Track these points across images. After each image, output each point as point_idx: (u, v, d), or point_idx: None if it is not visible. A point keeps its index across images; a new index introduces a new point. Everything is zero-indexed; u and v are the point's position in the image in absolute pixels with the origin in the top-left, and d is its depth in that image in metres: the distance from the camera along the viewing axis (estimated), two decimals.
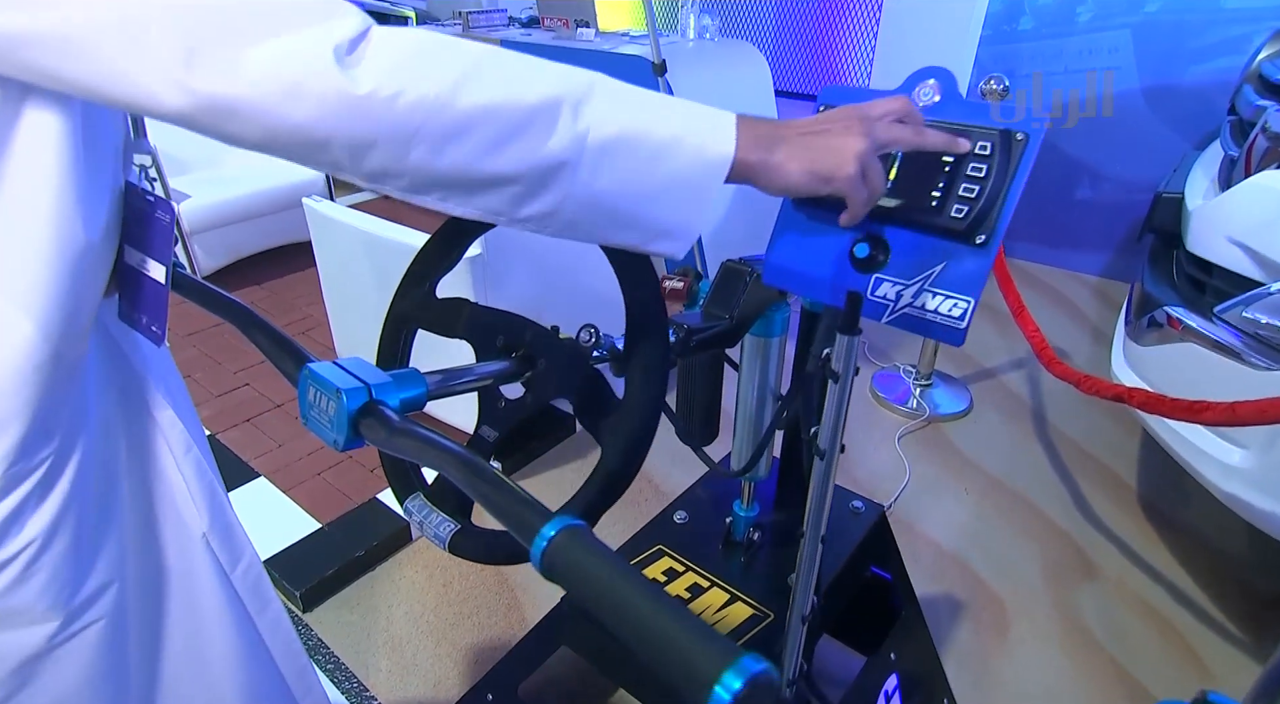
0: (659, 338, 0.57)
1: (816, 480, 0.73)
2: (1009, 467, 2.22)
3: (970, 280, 0.56)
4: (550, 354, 0.63)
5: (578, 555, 0.34)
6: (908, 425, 2.39)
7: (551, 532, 0.35)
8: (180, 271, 0.70)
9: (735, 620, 1.05)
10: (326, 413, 0.47)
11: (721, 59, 3.18)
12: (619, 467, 0.56)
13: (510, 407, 0.65)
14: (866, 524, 1.23)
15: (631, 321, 0.59)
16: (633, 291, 0.58)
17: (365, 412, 0.46)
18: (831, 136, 0.52)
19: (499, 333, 0.66)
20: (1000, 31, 3.51)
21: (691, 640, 0.30)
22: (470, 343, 0.68)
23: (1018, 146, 0.54)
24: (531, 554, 0.35)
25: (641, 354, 0.57)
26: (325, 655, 1.55)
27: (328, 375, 0.47)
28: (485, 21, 3.50)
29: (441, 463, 0.42)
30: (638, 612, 0.31)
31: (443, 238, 0.71)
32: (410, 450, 0.43)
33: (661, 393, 0.57)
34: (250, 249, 3.04)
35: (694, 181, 0.52)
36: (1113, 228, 3.51)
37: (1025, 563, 1.86)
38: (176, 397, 0.75)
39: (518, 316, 0.66)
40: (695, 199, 0.52)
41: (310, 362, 0.50)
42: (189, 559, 0.75)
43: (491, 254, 1.74)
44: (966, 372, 2.73)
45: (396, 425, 0.45)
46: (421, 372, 0.56)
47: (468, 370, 0.62)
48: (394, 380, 0.49)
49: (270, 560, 1.69)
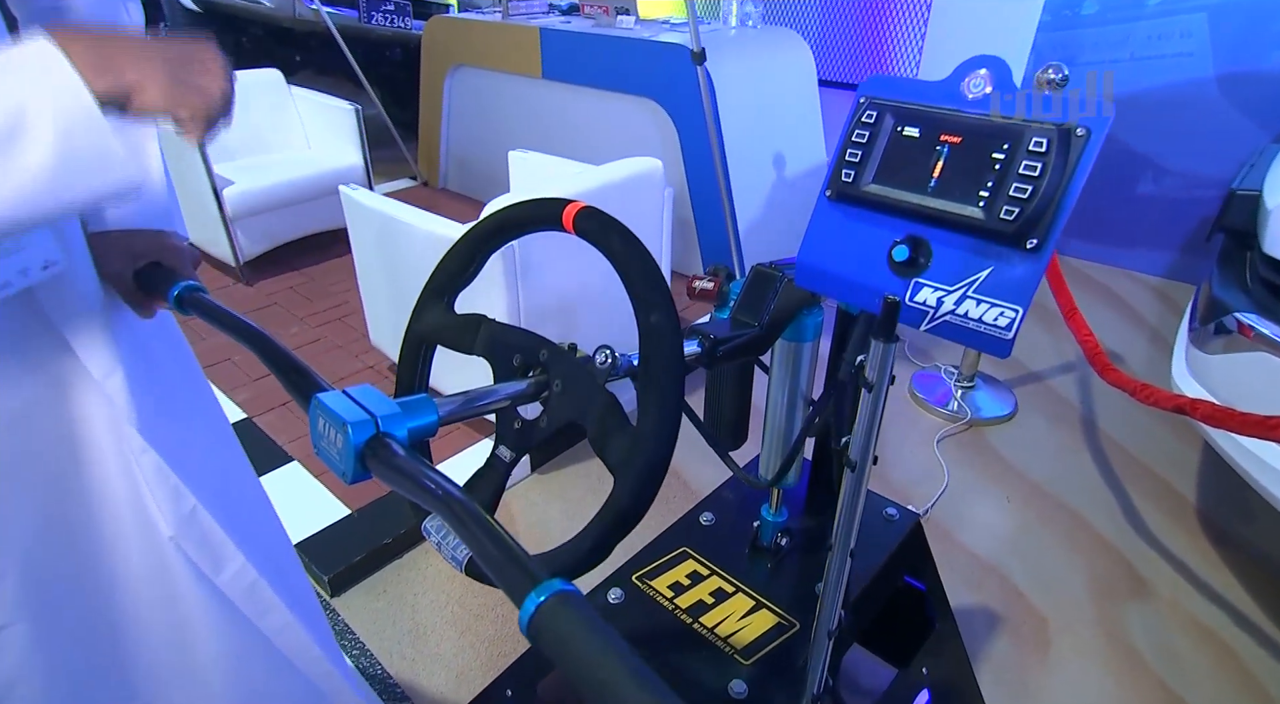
0: (672, 365, 0.54)
1: (847, 492, 0.69)
2: (1054, 474, 2.13)
3: (1019, 288, 0.51)
4: (566, 375, 0.61)
5: (565, 627, 0.32)
6: (947, 428, 2.31)
7: (541, 598, 0.33)
8: (203, 296, 0.69)
9: (759, 630, 1.02)
10: (335, 445, 0.46)
11: (763, 47, 3.11)
12: (629, 504, 0.54)
13: (526, 427, 0.63)
14: (900, 533, 1.18)
15: (643, 346, 0.55)
16: (645, 314, 0.55)
17: (372, 445, 0.45)
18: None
19: (516, 351, 0.64)
20: (1061, 17, 3.35)
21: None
22: (488, 361, 0.66)
23: (1078, 143, 0.49)
24: (520, 618, 0.33)
25: (655, 386, 0.54)
26: (351, 641, 1.57)
27: (336, 407, 0.46)
28: (525, 8, 3.48)
29: (439, 507, 0.40)
30: (619, 689, 0.30)
31: (460, 252, 0.69)
32: (411, 490, 0.42)
33: (675, 425, 0.54)
34: (290, 235, 3.09)
35: (72, 155, 0.46)
36: (1177, 226, 3.33)
37: (1069, 577, 1.78)
38: (145, 396, 0.71)
39: (534, 335, 0.64)
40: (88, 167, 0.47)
41: (321, 391, 0.50)
42: (159, 562, 0.73)
43: (524, 256, 1.73)
44: (1012, 374, 2.63)
45: (400, 463, 0.44)
46: (443, 393, 0.56)
47: (485, 393, 0.61)
48: (403, 410, 0.48)
49: (300, 544, 1.71)
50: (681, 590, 1.09)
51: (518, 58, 3.35)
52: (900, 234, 0.56)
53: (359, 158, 3.20)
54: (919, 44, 3.78)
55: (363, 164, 3.21)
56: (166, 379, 0.78)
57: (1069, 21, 3.35)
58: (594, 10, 3.26)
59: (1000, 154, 0.51)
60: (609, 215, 0.58)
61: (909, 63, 3.87)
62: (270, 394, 2.31)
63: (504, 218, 0.66)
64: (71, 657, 0.70)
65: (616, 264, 0.56)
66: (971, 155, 0.53)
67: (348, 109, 3.15)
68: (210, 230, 2.86)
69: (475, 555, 0.38)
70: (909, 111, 0.56)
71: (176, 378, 0.81)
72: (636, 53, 2.91)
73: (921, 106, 0.56)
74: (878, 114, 0.57)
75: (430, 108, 3.94)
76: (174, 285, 0.69)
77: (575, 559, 0.57)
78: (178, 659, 0.77)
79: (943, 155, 0.54)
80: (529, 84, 3.40)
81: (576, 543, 0.57)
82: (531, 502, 1.98)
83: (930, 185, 0.55)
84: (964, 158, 0.53)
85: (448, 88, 3.82)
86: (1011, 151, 0.51)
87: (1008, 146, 0.51)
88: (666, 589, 1.09)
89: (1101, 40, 3.27)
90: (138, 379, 0.70)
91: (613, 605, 1.06)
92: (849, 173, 0.58)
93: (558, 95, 3.32)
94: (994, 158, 0.52)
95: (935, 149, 0.54)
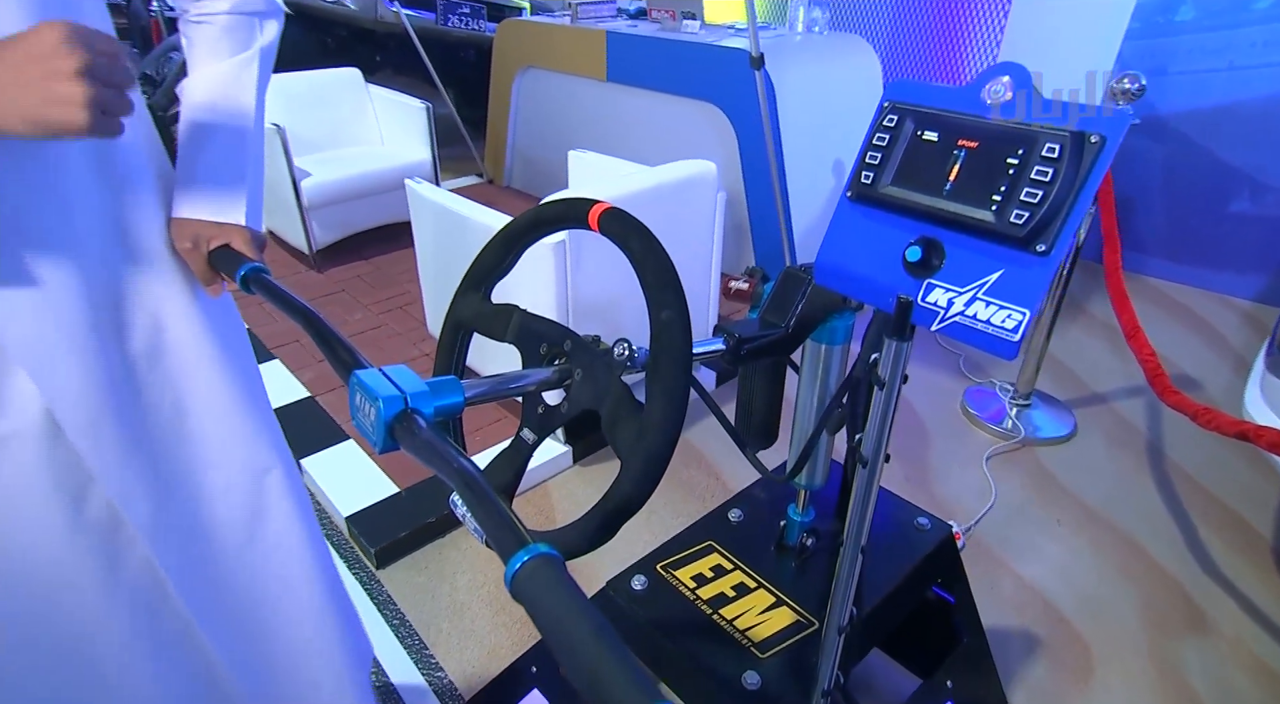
0: (680, 360, 0.57)
1: (859, 489, 0.70)
2: (1112, 500, 2.04)
3: (1027, 291, 0.52)
4: (586, 364, 0.65)
5: (541, 585, 0.36)
6: (998, 446, 2.25)
7: (524, 557, 0.37)
8: (266, 277, 0.75)
9: (777, 625, 1.03)
10: (369, 417, 0.51)
11: (828, 53, 3.09)
12: (631, 490, 0.57)
13: (549, 412, 0.67)
14: (930, 543, 1.17)
15: (654, 342, 0.59)
16: (656, 312, 0.58)
17: (400, 419, 0.50)
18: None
19: (543, 340, 0.68)
20: (1151, 25, 3.18)
21: (619, 678, 0.31)
22: (517, 348, 0.70)
23: (1091, 149, 0.49)
24: (505, 574, 0.37)
25: (661, 380, 0.57)
26: (392, 611, 1.65)
27: (371, 384, 0.51)
28: (593, 13, 3.55)
29: (451, 476, 0.45)
30: (581, 645, 0.33)
31: (497, 246, 0.74)
32: (430, 461, 0.47)
33: (678, 418, 0.57)
34: (360, 225, 3.24)
35: None
36: (1275, 247, 3.13)
37: (1120, 605, 1.71)
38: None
39: (560, 326, 0.68)
40: None
41: (359, 368, 0.54)
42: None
43: (575, 253, 1.78)
44: (1074, 394, 2.53)
45: (423, 436, 0.48)
46: (481, 375, 0.60)
47: (511, 378, 0.65)
48: (430, 389, 0.52)
49: (350, 517, 1.81)
50: (704, 582, 1.11)
51: (584, 60, 3.42)
52: (915, 235, 0.58)
53: (428, 154, 3.33)
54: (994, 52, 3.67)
55: (431, 160, 3.34)
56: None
57: (1160, 29, 3.19)
58: (660, 14, 3.30)
59: (1014, 159, 0.52)
60: (632, 217, 0.61)
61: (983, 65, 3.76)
62: (332, 375, 2.44)
63: (536, 216, 0.70)
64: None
65: (634, 263, 0.59)
66: (987, 160, 0.54)
67: (419, 107, 3.29)
68: (288, 218, 3.04)
69: (475, 518, 0.42)
70: (929, 116, 0.57)
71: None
72: (698, 57, 2.94)
73: (941, 111, 0.57)
74: (899, 118, 0.59)
75: (498, 107, 4.06)
76: (241, 267, 0.76)
77: (580, 539, 0.60)
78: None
79: (959, 159, 0.55)
80: (594, 86, 3.46)
81: (583, 523, 0.60)
82: (570, 491, 2.03)
83: (946, 188, 0.56)
84: (979, 162, 0.54)
85: (516, 88, 3.93)
86: (1025, 157, 0.52)
87: (1022, 152, 0.52)
88: (689, 580, 1.11)
89: (1197, 48, 3.10)
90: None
91: (636, 592, 1.09)
92: (868, 175, 0.60)
93: (621, 97, 3.38)
94: (1008, 162, 0.53)
95: (952, 153, 0.56)
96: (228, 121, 0.80)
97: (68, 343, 0.71)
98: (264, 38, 0.82)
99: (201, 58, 0.80)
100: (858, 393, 0.78)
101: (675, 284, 0.58)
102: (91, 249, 0.72)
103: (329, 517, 1.90)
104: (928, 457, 2.21)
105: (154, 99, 3.38)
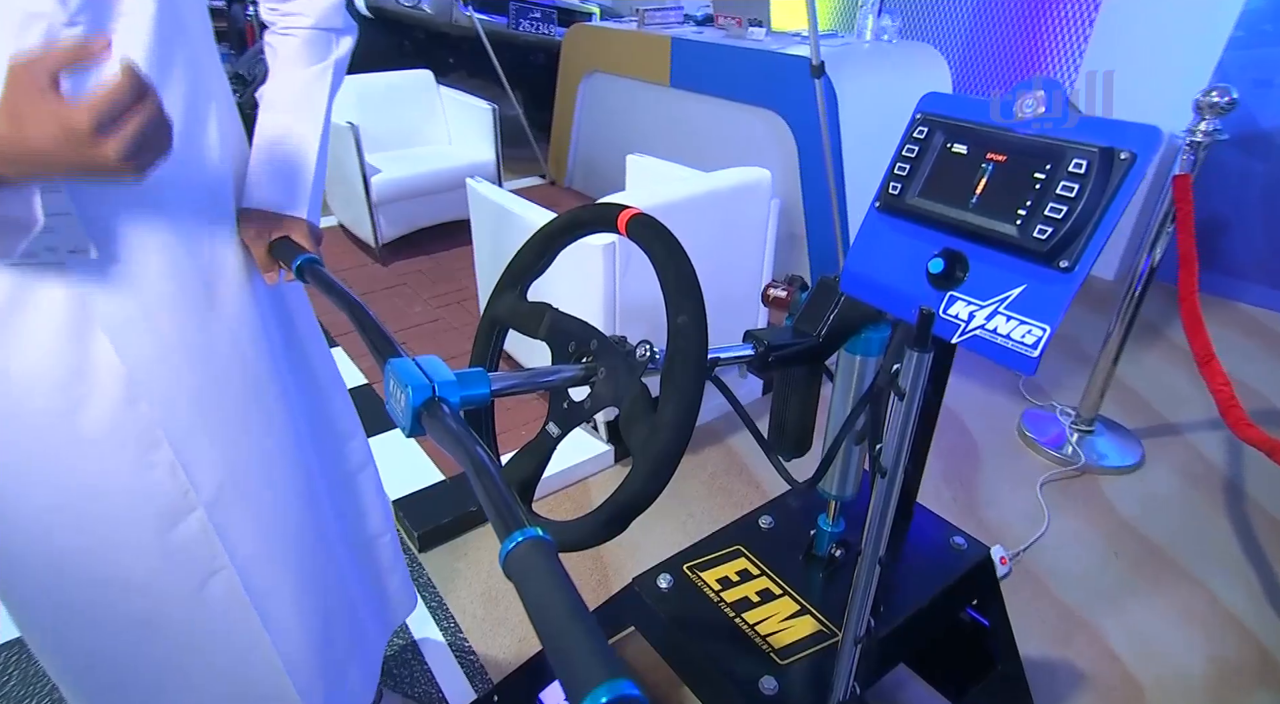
0: (693, 364, 0.58)
1: (878, 499, 0.70)
2: (1180, 537, 1.93)
3: (1049, 307, 0.51)
4: (610, 364, 0.67)
5: (529, 565, 0.38)
6: (1055, 472, 2.16)
7: (518, 538, 0.39)
8: (319, 268, 0.81)
9: (799, 634, 1.03)
10: (400, 403, 0.54)
11: (895, 62, 3.04)
12: (640, 487, 0.59)
13: (573, 407, 0.70)
14: (966, 563, 1.14)
15: (669, 345, 0.60)
16: (674, 315, 0.60)
17: (428, 406, 0.53)
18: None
19: (571, 339, 0.71)
20: (1258, 34, 2.94)
21: (586, 653, 0.33)
22: (548, 345, 0.73)
23: (1120, 166, 0.49)
24: (500, 551, 0.40)
25: (674, 382, 0.59)
26: (431, 593, 1.71)
27: (403, 372, 0.55)
28: (660, 19, 3.59)
29: (464, 460, 0.48)
30: (557, 623, 0.35)
31: (533, 247, 0.77)
32: (449, 445, 0.50)
33: (690, 419, 0.59)
34: (424, 222, 3.36)
35: None
36: None
37: (1181, 651, 1.62)
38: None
39: (589, 326, 0.71)
40: None
41: (395, 357, 0.58)
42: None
43: (624, 257, 1.81)
44: (1144, 423, 2.41)
45: (446, 423, 0.52)
46: (505, 370, 0.63)
47: (540, 373, 0.68)
48: (458, 380, 0.56)
49: (397, 501, 1.88)
50: (729, 585, 1.11)
51: (648, 65, 3.46)
52: (940, 248, 0.58)
53: (492, 154, 3.43)
54: (1076, 63, 3.53)
55: (494, 160, 3.44)
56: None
57: (1268, 38, 2.97)
58: (726, 21, 3.31)
59: (1041, 173, 0.52)
60: (659, 223, 0.63)
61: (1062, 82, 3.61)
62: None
63: (570, 219, 0.73)
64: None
65: (657, 267, 0.61)
66: (1014, 174, 0.53)
67: (485, 108, 3.39)
68: (357, 213, 3.17)
69: (481, 500, 0.44)
70: (959, 128, 0.57)
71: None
72: (759, 64, 2.94)
73: (972, 124, 0.57)
74: (929, 130, 0.59)
75: (564, 110, 4.14)
76: (298, 257, 0.81)
77: (589, 532, 0.62)
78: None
79: (987, 172, 0.55)
80: (657, 91, 3.50)
81: (593, 517, 0.62)
82: (609, 490, 2.04)
83: (972, 201, 0.56)
84: (1007, 176, 0.54)
85: (581, 92, 4.00)
86: (1052, 171, 0.51)
87: (1050, 166, 0.52)
88: (715, 582, 1.12)
89: None
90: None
91: (661, 590, 1.11)
92: (896, 186, 0.60)
93: (683, 103, 3.40)
94: (1035, 177, 0.52)
95: (981, 166, 0.55)
96: (299, 124, 0.88)
97: (151, 315, 0.77)
98: (338, 52, 0.90)
99: (282, 66, 0.88)
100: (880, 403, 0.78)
101: (694, 290, 0.59)
102: (181, 228, 0.79)
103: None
104: (977, 479, 2.15)
105: (243, 98, 3.59)
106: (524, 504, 0.74)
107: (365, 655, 1.18)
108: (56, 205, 0.65)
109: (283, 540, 0.98)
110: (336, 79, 0.91)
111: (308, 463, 1.00)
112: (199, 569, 0.90)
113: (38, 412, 0.75)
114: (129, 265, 0.75)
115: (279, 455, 0.94)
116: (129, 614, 0.89)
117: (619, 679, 0.31)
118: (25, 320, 0.71)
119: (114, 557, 0.85)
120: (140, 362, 0.78)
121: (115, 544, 0.85)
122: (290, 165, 0.87)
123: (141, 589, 0.88)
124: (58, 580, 0.85)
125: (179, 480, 0.85)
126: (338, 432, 1.12)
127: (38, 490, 0.79)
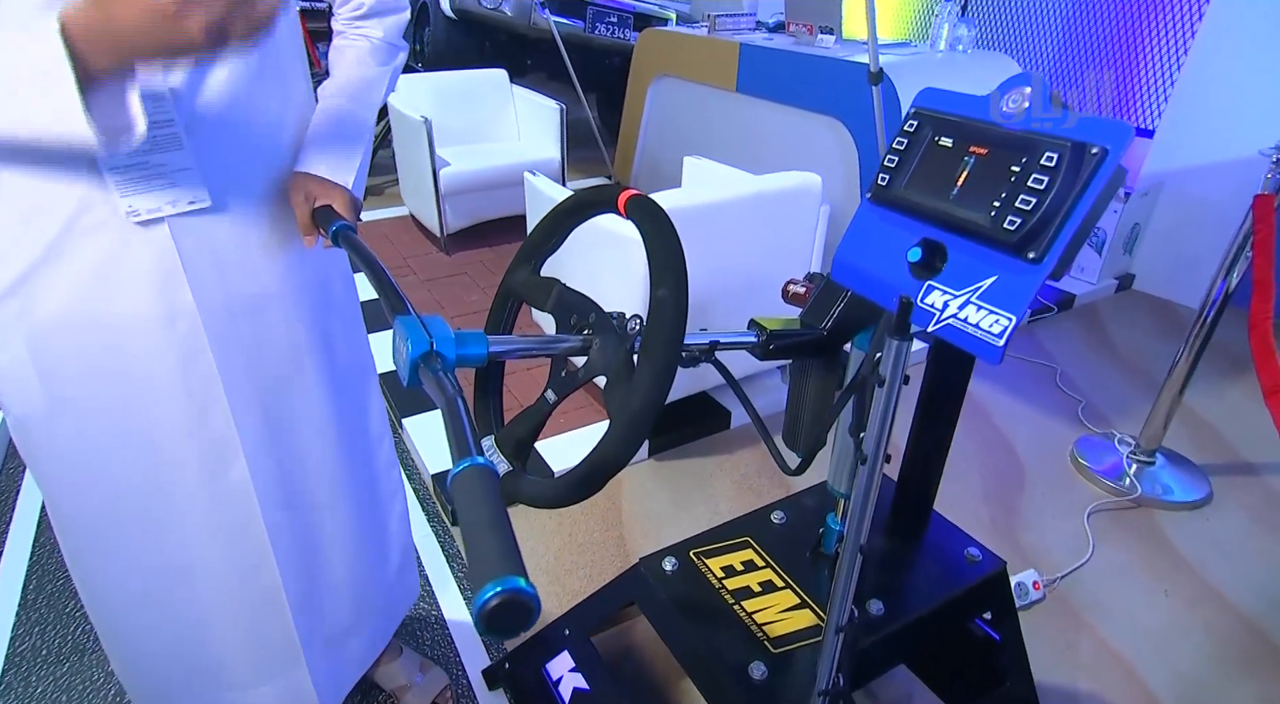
0: (668, 335, 0.61)
1: (859, 487, 0.71)
2: (1243, 580, 1.81)
3: (1016, 297, 0.52)
4: (604, 336, 0.71)
5: (469, 485, 0.42)
6: (1105, 501, 2.07)
7: (465, 464, 0.44)
8: (352, 235, 0.88)
9: (795, 625, 1.04)
10: (401, 354, 0.59)
11: (969, 72, 2.97)
12: (611, 449, 0.63)
13: (569, 375, 0.74)
14: (978, 574, 1.13)
15: (649, 317, 0.64)
16: (655, 289, 0.63)
17: (425, 359, 0.58)
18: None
19: (573, 312, 0.75)
20: None
21: (494, 556, 0.37)
22: (553, 316, 0.78)
23: (1090, 160, 0.49)
24: (449, 473, 0.44)
25: (649, 352, 0.62)
26: (459, 566, 1.78)
27: (407, 327, 0.60)
28: (731, 25, 3.61)
29: (440, 401, 0.53)
30: (479, 531, 0.39)
31: (546, 226, 0.83)
32: (434, 392, 0.55)
33: (662, 386, 0.62)
34: (488, 215, 3.49)
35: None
36: None
37: (1231, 697, 1.53)
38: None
39: (590, 300, 0.75)
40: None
41: (402, 315, 0.64)
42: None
43: None
44: (1212, 457, 2.27)
45: (437, 375, 0.57)
46: (512, 335, 0.68)
47: (540, 342, 0.73)
48: (456, 338, 0.61)
49: (436, 475, 1.97)
50: (733, 574, 1.13)
51: (716, 71, 3.49)
52: (922, 238, 0.59)
53: (557, 152, 3.53)
54: (1167, 90, 3.38)
55: (559, 158, 3.53)
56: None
57: None
58: (798, 28, 3.31)
59: (1017, 166, 0.53)
60: (654, 204, 0.67)
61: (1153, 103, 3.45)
62: None
63: (577, 200, 0.78)
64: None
65: (646, 244, 0.65)
66: (993, 166, 0.54)
67: (553, 107, 3.49)
68: (425, 203, 3.32)
69: (446, 434, 0.49)
70: (947, 122, 0.58)
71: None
72: (823, 71, 2.93)
73: (959, 118, 0.58)
74: (919, 124, 0.60)
75: (632, 113, 4.21)
76: (334, 223, 0.88)
77: (562, 490, 0.66)
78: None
79: (968, 165, 0.56)
80: (723, 96, 3.52)
81: (568, 477, 0.66)
82: (641, 482, 2.09)
83: (953, 193, 0.57)
84: (986, 168, 0.55)
85: (650, 95, 4.07)
86: (1027, 165, 0.52)
87: (1025, 160, 0.52)
88: (719, 569, 1.14)
89: None
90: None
91: (665, 572, 1.14)
92: (885, 177, 0.62)
93: (748, 108, 3.41)
94: (1011, 170, 0.53)
95: (963, 159, 0.57)
96: (360, 110, 0.99)
97: (225, 267, 0.87)
98: (396, 62, 1.04)
99: (350, 64, 1.00)
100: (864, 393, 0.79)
101: (678, 267, 0.62)
102: (271, 187, 0.90)
103: (418, 471, 2.08)
104: (1020, 502, 2.08)
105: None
106: (519, 461, 0.78)
107: (369, 630, 1.26)
108: (159, 111, 0.73)
109: (303, 497, 1.06)
110: (392, 82, 1.04)
111: (334, 429, 1.08)
112: (240, 514, 0.99)
113: (130, 356, 0.85)
114: (223, 219, 0.85)
115: (306, 417, 1.03)
116: (172, 560, 0.99)
117: (513, 576, 0.35)
118: (128, 269, 0.81)
119: (167, 501, 0.95)
120: (211, 312, 0.87)
121: (168, 487, 0.94)
122: (348, 140, 0.96)
123: (187, 534, 0.97)
124: (113, 524, 0.95)
125: (230, 430, 0.94)
126: (361, 407, 1.17)
127: (102, 433, 0.89)
